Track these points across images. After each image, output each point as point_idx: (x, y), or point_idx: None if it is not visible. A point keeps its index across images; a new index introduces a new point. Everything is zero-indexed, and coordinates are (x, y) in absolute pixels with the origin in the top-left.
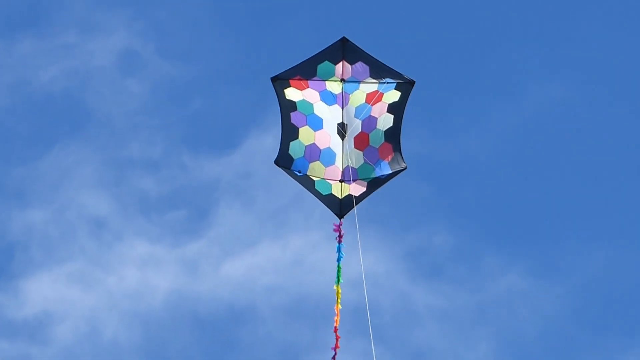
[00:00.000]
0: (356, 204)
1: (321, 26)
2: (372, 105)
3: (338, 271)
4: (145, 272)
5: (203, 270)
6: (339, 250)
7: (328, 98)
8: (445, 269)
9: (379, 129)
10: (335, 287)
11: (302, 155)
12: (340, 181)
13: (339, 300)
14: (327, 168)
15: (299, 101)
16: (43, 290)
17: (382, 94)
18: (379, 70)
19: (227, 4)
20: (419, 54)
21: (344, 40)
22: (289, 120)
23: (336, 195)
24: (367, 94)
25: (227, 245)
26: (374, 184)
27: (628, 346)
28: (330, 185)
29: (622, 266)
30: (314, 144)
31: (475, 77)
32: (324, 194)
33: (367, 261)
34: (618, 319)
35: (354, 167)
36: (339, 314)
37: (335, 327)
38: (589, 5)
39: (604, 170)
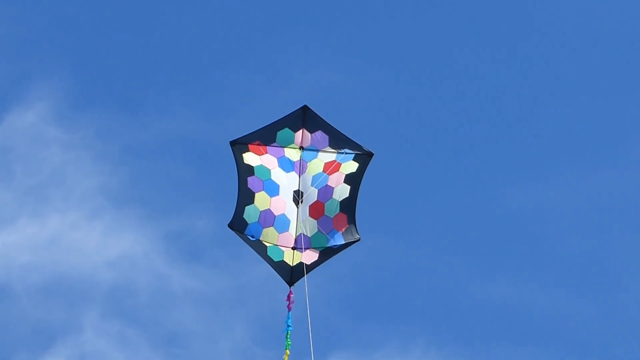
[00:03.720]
0: (307, 273)
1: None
2: (329, 174)
3: (287, 338)
4: None
5: None
6: (288, 319)
7: (286, 165)
8: (206, 253)
9: (335, 199)
10: (284, 354)
11: (257, 220)
12: (293, 248)
13: None
14: (281, 235)
15: (257, 166)
16: None
17: (339, 164)
18: (338, 141)
19: None
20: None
21: (305, 109)
22: (246, 184)
23: (288, 262)
24: (325, 163)
25: None
26: (326, 254)
27: (387, 334)
28: (283, 252)
29: (385, 255)
30: (269, 209)
31: (243, 60)
32: (275, 260)
33: (127, 241)
34: (378, 307)
35: (308, 235)
36: None
37: None
38: None
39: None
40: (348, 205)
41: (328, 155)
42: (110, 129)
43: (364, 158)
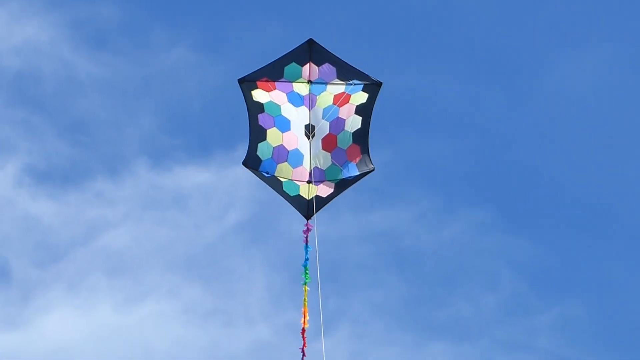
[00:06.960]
0: (323, 206)
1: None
2: (339, 106)
3: (305, 272)
4: None
5: None
6: (306, 253)
7: (295, 99)
8: (111, 41)
9: (347, 131)
10: (303, 288)
11: (270, 156)
12: (308, 182)
13: (306, 302)
14: (295, 169)
15: (266, 103)
16: None
17: (349, 96)
18: (346, 72)
19: None
20: None
21: (310, 42)
22: (257, 121)
23: (304, 196)
24: (335, 96)
25: None
26: (341, 185)
27: None
28: (298, 186)
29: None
30: (281, 145)
31: None
32: (291, 195)
33: (32, 28)
34: None
35: (322, 168)
36: (306, 315)
37: (303, 328)
38: None
39: None
40: (361, 136)
41: (337, 88)
42: None
43: (373, 88)
